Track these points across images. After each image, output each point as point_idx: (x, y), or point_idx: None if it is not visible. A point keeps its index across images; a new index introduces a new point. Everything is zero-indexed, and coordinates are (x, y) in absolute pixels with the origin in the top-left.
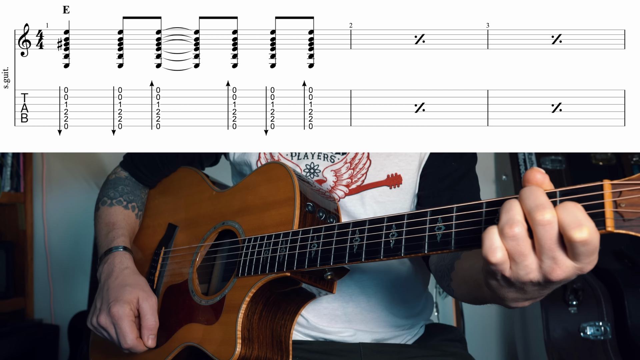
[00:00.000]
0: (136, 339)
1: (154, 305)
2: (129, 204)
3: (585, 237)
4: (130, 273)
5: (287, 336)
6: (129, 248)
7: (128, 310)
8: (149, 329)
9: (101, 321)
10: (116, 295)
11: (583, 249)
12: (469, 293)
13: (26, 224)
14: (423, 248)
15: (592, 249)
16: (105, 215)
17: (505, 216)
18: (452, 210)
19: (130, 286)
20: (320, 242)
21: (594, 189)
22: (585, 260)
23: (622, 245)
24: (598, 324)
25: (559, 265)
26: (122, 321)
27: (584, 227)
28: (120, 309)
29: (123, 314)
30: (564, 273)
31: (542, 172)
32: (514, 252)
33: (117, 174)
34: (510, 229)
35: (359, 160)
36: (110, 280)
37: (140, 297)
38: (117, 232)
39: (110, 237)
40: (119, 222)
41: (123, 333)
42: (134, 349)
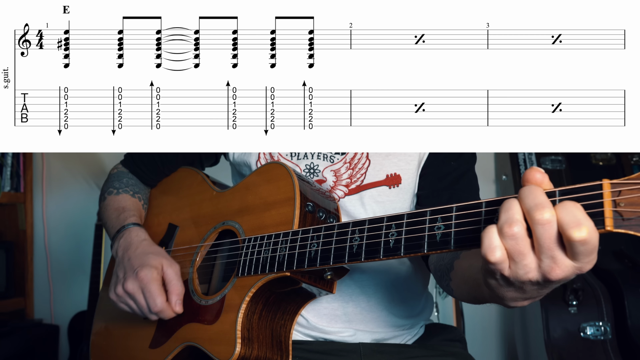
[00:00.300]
0: (165, 303)
1: (178, 271)
2: (135, 194)
3: (585, 237)
4: (150, 244)
5: (287, 336)
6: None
7: (156, 274)
8: (177, 294)
9: (128, 287)
10: (141, 261)
11: (582, 248)
12: (468, 292)
13: (26, 224)
14: (422, 248)
15: (591, 248)
16: (113, 202)
17: (504, 215)
18: (452, 210)
19: (153, 254)
20: (320, 242)
21: (593, 189)
22: (585, 260)
23: (622, 245)
24: (598, 324)
25: (558, 265)
26: (151, 284)
27: (583, 227)
28: (148, 273)
29: (151, 277)
30: (563, 272)
31: (542, 172)
32: (513, 252)
33: (120, 169)
34: (509, 228)
35: (358, 160)
36: (130, 251)
37: (164, 263)
38: (128, 213)
39: (122, 217)
40: (129, 206)
41: (153, 295)
42: (163, 312)
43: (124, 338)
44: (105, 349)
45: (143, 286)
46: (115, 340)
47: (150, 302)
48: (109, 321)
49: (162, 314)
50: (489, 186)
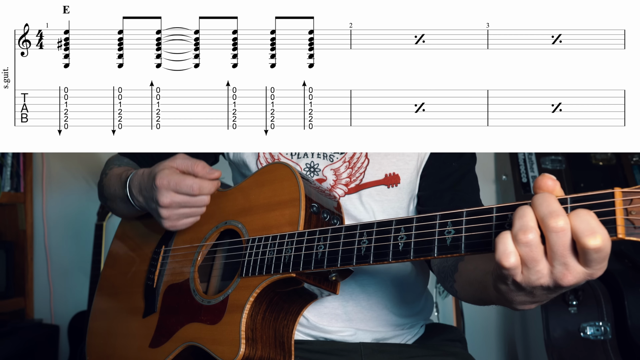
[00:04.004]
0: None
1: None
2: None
3: (599, 245)
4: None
5: (289, 336)
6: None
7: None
8: (201, 165)
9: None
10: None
11: (596, 255)
12: (473, 294)
13: (26, 224)
14: (432, 251)
15: (604, 255)
16: (115, 171)
17: (518, 222)
18: (462, 214)
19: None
20: (327, 244)
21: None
22: (597, 267)
23: (622, 246)
24: (598, 324)
25: (570, 271)
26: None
27: (598, 235)
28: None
29: (169, 175)
30: (574, 278)
31: (553, 179)
32: (526, 258)
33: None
34: (524, 235)
35: (357, 159)
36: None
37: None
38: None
39: (126, 174)
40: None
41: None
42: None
43: (123, 337)
44: (103, 348)
45: (168, 186)
46: (113, 339)
47: (186, 190)
48: (106, 321)
49: (204, 189)
50: (489, 186)
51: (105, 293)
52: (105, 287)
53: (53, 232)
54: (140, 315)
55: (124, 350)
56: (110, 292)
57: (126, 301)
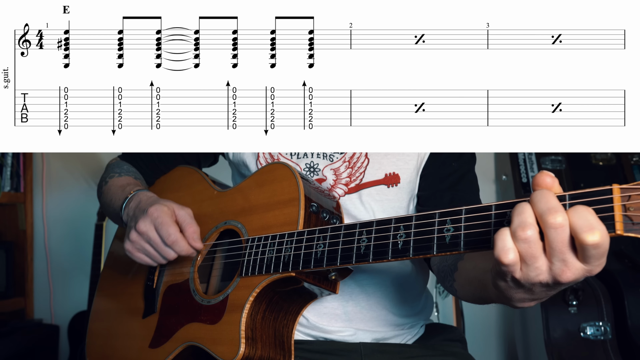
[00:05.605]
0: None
1: (191, 214)
2: (137, 179)
3: (597, 240)
4: (159, 198)
5: (289, 336)
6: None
7: (167, 209)
8: (192, 230)
9: (140, 227)
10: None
11: (594, 251)
12: (473, 293)
13: (26, 224)
14: (432, 249)
15: (602, 251)
16: (116, 182)
17: (517, 219)
18: (461, 212)
19: (162, 201)
20: (327, 243)
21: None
22: (595, 263)
23: (622, 245)
24: (598, 324)
25: (568, 268)
26: (162, 217)
27: (596, 231)
28: (158, 208)
29: (162, 211)
30: (573, 275)
31: (552, 176)
32: (525, 254)
33: (119, 160)
34: (522, 231)
35: (357, 159)
36: (141, 204)
37: (175, 207)
38: (134, 186)
39: (128, 189)
40: (133, 182)
41: (165, 226)
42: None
43: (123, 338)
44: (103, 349)
45: (154, 220)
46: (113, 340)
47: (164, 234)
48: (106, 321)
49: (177, 246)
50: (489, 186)
51: (105, 293)
52: (105, 287)
53: (53, 232)
54: (140, 315)
55: (124, 350)
56: (110, 293)
57: (126, 301)
